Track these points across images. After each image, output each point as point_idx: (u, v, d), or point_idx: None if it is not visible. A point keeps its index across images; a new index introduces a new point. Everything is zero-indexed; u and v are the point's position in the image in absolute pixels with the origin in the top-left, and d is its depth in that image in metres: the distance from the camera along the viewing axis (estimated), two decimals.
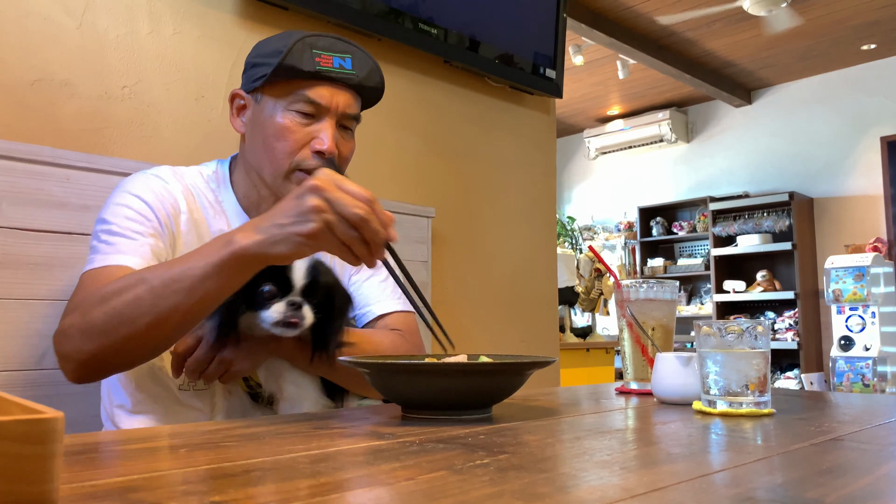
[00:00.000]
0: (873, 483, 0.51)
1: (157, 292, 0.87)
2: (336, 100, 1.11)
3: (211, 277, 0.86)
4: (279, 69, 1.08)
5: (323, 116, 1.11)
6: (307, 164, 1.10)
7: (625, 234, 6.60)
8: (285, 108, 1.10)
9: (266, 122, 1.11)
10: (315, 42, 1.09)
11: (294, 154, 1.10)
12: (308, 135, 1.10)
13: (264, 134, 1.11)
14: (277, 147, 1.10)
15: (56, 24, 1.36)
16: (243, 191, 1.18)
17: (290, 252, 0.85)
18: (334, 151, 1.10)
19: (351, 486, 0.48)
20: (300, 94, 1.09)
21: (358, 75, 1.12)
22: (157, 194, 1.08)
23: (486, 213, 2.19)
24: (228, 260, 0.86)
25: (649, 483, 0.48)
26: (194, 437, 0.66)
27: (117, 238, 1.02)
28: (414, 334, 1.21)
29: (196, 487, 0.45)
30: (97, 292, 0.92)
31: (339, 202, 0.82)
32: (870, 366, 4.44)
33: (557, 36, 2.32)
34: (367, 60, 1.14)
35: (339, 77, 1.10)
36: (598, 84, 5.85)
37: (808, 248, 5.57)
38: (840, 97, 5.57)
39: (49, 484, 0.34)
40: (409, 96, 1.99)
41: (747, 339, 0.86)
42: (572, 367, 3.47)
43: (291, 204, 0.85)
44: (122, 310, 0.88)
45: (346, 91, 1.12)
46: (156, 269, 0.91)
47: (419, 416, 0.80)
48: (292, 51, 1.08)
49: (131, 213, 1.05)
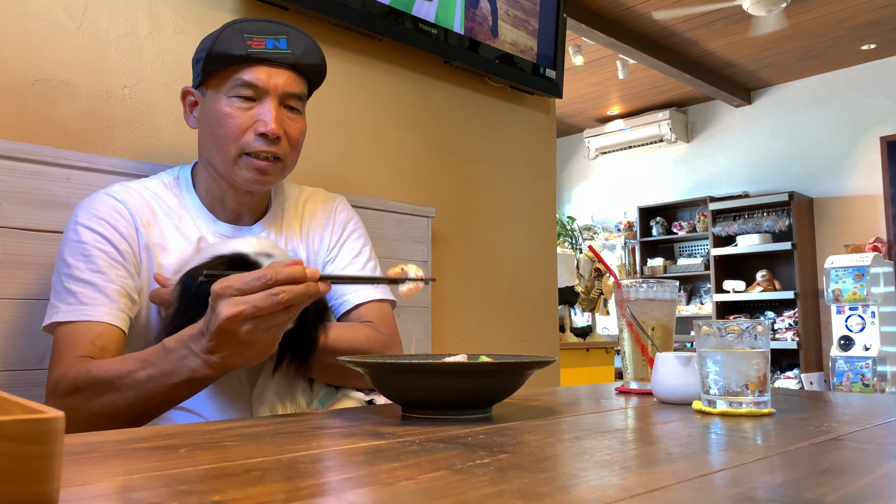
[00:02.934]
0: (873, 483, 0.51)
1: (129, 401, 0.93)
2: (274, 80, 1.10)
3: (177, 390, 0.92)
4: (210, 57, 1.09)
5: (263, 98, 1.10)
6: (251, 147, 1.10)
7: (625, 234, 6.60)
8: (226, 96, 1.10)
9: (211, 112, 1.12)
10: (246, 27, 1.10)
11: (238, 139, 1.10)
12: (251, 118, 1.10)
13: (210, 124, 1.12)
14: (222, 134, 1.10)
15: (56, 24, 1.36)
16: (205, 187, 1.18)
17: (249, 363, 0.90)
18: (277, 132, 1.10)
19: (351, 486, 0.48)
20: (237, 79, 1.10)
21: (294, 53, 1.12)
22: (110, 222, 1.08)
23: (486, 213, 2.19)
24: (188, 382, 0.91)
25: (649, 483, 0.48)
26: (194, 437, 0.66)
27: (82, 288, 1.03)
28: (388, 324, 1.20)
29: (196, 487, 0.45)
30: (76, 378, 0.95)
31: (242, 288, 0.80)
32: (869, 365, 4.44)
33: (557, 36, 2.32)
34: (303, 39, 1.14)
35: (274, 57, 1.10)
36: (598, 84, 5.85)
37: (807, 247, 5.57)
38: (840, 97, 5.57)
39: (49, 484, 0.34)
40: (409, 96, 1.99)
41: (747, 338, 0.86)
42: (572, 367, 3.47)
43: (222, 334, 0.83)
44: (101, 410, 0.94)
45: (285, 70, 1.12)
46: (128, 380, 0.93)
47: (419, 416, 0.80)
48: (221, 37, 1.09)
49: (88, 250, 1.05)
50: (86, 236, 1.06)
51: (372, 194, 1.85)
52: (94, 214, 1.09)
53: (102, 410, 0.93)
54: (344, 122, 1.83)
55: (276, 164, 1.13)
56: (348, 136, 1.84)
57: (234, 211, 1.18)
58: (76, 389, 0.95)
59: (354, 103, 1.86)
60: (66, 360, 0.98)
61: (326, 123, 1.78)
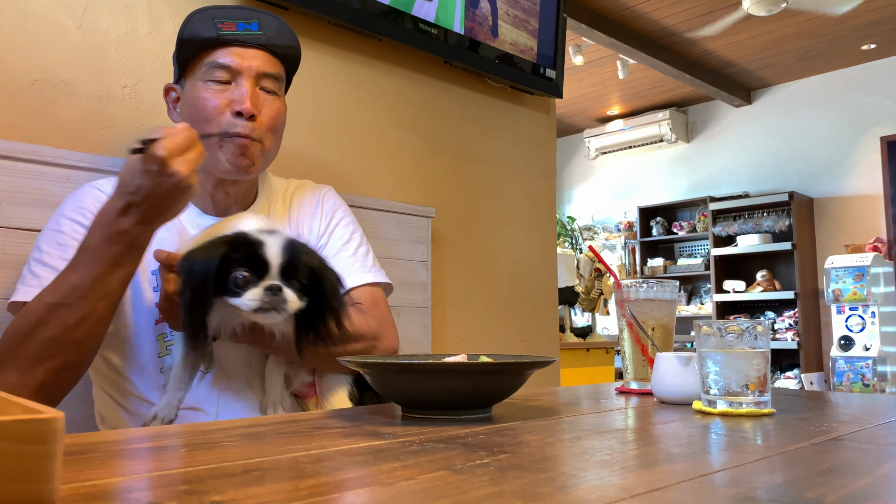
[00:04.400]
0: (873, 483, 0.51)
1: (59, 314, 0.91)
2: (248, 61, 1.11)
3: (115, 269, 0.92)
4: (181, 43, 1.11)
5: (237, 78, 1.11)
6: (230, 128, 1.10)
7: (625, 234, 6.60)
8: (202, 81, 1.11)
9: (189, 100, 1.13)
10: (215, 12, 1.11)
11: (216, 120, 1.10)
12: (227, 100, 1.11)
13: (190, 111, 1.13)
14: (202, 119, 1.10)
15: (56, 24, 1.36)
16: None
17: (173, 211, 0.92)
18: (252, 110, 1.10)
19: (351, 486, 0.48)
20: (211, 62, 1.11)
21: (265, 34, 1.13)
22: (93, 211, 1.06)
23: (486, 213, 2.19)
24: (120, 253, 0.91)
25: (649, 483, 0.48)
26: (194, 437, 0.66)
27: (47, 272, 1.02)
28: (379, 307, 1.19)
29: (196, 487, 0.45)
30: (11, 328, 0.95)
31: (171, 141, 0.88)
32: (870, 366, 4.44)
33: (557, 36, 2.32)
34: (275, 22, 1.15)
35: (245, 39, 1.11)
36: (598, 84, 5.85)
37: (807, 247, 5.57)
38: (840, 97, 5.57)
39: (49, 484, 0.34)
40: (409, 96, 1.99)
41: (747, 338, 0.86)
42: (572, 367, 3.47)
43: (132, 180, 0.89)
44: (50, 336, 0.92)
45: (258, 51, 1.13)
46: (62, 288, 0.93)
47: (419, 416, 0.80)
48: (190, 22, 1.10)
49: (63, 239, 1.05)
50: (65, 226, 1.07)
51: (372, 194, 1.85)
52: (77, 206, 1.09)
53: (52, 336, 0.92)
54: (344, 121, 1.83)
55: (255, 145, 1.12)
56: (348, 136, 1.84)
57: (222, 203, 1.18)
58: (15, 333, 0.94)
59: (354, 103, 1.86)
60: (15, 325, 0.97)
61: (326, 123, 1.78)
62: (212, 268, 0.88)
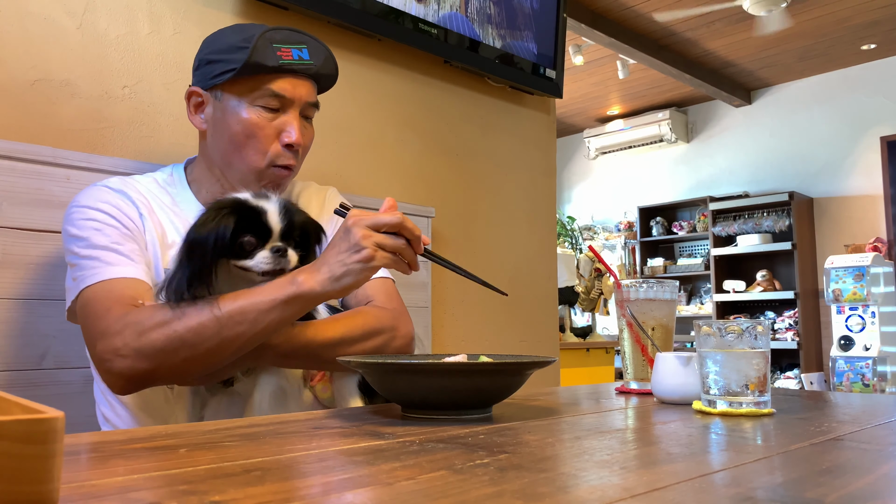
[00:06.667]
0: (873, 483, 0.51)
1: (222, 322, 0.92)
2: (298, 91, 1.13)
3: (275, 311, 0.94)
4: (246, 67, 1.09)
5: (287, 109, 1.13)
6: (279, 159, 1.13)
7: (625, 234, 6.60)
8: (250, 104, 1.11)
9: (231, 119, 1.12)
10: (273, 36, 1.11)
11: (267, 150, 1.12)
12: (275, 129, 1.12)
13: (231, 132, 1.12)
14: (248, 144, 1.11)
15: (56, 24, 1.36)
16: (205, 187, 1.18)
17: (355, 282, 0.94)
18: (301, 143, 1.14)
19: (351, 486, 0.48)
20: (265, 90, 1.11)
21: (315, 64, 1.15)
22: (115, 204, 1.08)
23: (486, 213, 2.19)
24: (294, 298, 0.94)
25: (649, 483, 0.48)
26: (194, 437, 0.66)
27: (103, 252, 1.01)
28: (393, 299, 1.21)
29: (196, 487, 0.45)
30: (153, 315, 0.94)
31: (377, 220, 0.94)
32: (870, 365, 4.44)
33: (557, 36, 2.32)
34: (321, 48, 1.16)
35: (300, 69, 1.13)
36: (598, 84, 5.85)
37: (807, 247, 5.57)
38: (840, 97, 5.57)
39: (49, 484, 0.34)
40: (409, 96, 1.99)
41: (747, 338, 0.86)
42: (572, 367, 3.47)
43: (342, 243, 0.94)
44: (185, 334, 0.92)
45: (306, 81, 1.15)
46: (222, 300, 0.94)
47: (419, 416, 0.80)
48: (256, 48, 1.09)
49: (98, 224, 1.04)
50: (94, 214, 1.05)
51: (372, 194, 1.85)
52: (98, 199, 1.08)
53: (185, 334, 0.92)
54: (344, 121, 1.83)
55: (290, 174, 1.16)
56: (348, 136, 1.84)
57: None
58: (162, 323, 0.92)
59: (354, 103, 1.86)
60: (116, 310, 0.95)
61: (326, 123, 1.78)
62: (226, 236, 0.94)
